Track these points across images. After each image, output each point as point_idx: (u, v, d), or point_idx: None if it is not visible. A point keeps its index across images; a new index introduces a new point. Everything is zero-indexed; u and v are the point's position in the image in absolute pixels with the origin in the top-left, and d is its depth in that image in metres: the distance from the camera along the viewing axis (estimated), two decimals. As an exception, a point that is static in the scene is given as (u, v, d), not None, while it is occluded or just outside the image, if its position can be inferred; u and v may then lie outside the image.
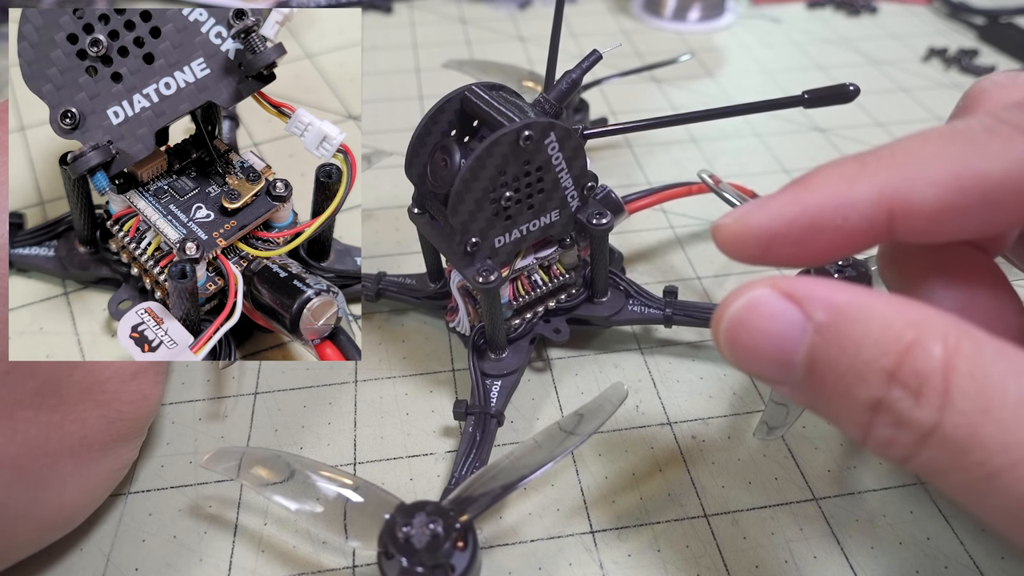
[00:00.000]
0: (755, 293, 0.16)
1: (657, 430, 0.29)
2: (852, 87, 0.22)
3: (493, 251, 0.27)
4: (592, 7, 0.66)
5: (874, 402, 0.14)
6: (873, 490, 0.27)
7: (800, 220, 0.17)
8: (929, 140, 0.16)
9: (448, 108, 0.26)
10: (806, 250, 0.17)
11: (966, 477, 0.14)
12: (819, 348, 0.15)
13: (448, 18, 0.64)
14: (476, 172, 0.24)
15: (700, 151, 0.47)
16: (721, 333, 0.16)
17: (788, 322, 0.15)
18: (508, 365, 0.29)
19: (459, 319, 0.30)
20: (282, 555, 0.25)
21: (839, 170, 0.17)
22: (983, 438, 0.13)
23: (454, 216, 0.25)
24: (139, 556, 0.25)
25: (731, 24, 0.64)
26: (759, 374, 0.17)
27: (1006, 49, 0.59)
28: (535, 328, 0.31)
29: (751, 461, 0.28)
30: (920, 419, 0.14)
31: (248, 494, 0.27)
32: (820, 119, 0.50)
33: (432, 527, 0.21)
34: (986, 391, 0.13)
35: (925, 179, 0.16)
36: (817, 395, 0.16)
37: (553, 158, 0.26)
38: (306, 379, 0.31)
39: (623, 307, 0.31)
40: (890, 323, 0.14)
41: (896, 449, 0.15)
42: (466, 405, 0.28)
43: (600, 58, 0.27)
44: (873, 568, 0.25)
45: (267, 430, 0.29)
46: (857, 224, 0.16)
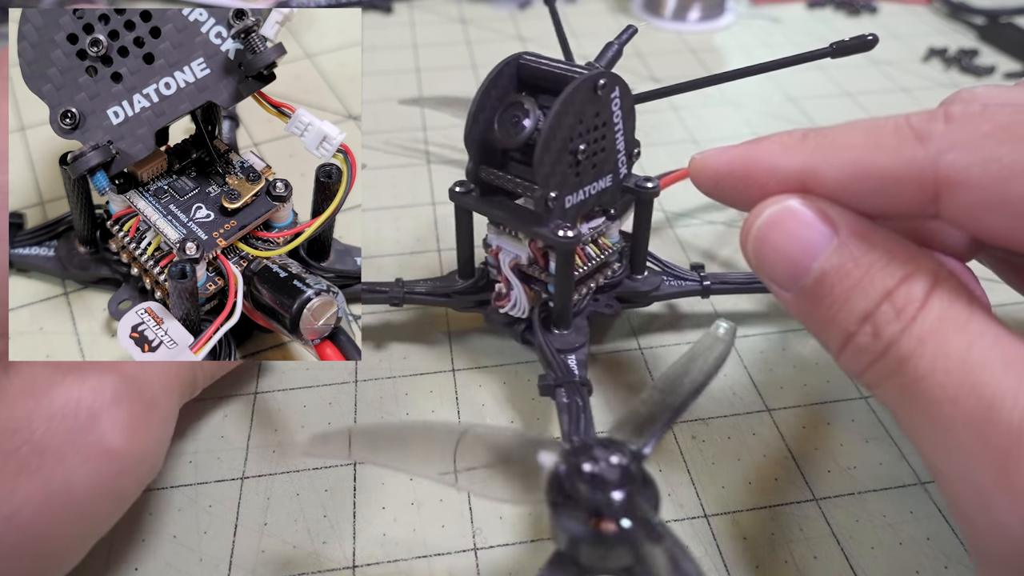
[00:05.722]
0: (791, 202, 0.18)
1: (657, 430, 0.29)
2: (871, 36, 0.26)
3: (563, 211, 0.27)
4: (592, 7, 0.66)
5: (866, 313, 0.17)
6: (873, 490, 0.27)
7: (740, 170, 0.20)
8: (854, 130, 0.18)
9: (506, 72, 0.27)
10: (743, 195, 0.20)
11: (898, 382, 0.17)
12: (839, 258, 0.17)
13: (448, 18, 0.64)
14: (561, 118, 0.24)
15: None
16: (755, 228, 0.19)
17: (819, 232, 0.18)
18: (575, 340, 0.29)
19: (514, 301, 0.29)
20: (282, 555, 0.25)
21: (784, 139, 0.20)
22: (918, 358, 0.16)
23: (540, 164, 0.25)
24: (139, 556, 0.25)
25: (731, 24, 0.64)
26: (773, 275, 0.19)
27: (1006, 49, 0.59)
28: (589, 305, 0.30)
29: (751, 461, 0.28)
30: (890, 332, 0.17)
31: (248, 493, 0.27)
32: (820, 119, 0.50)
33: (616, 460, 0.19)
34: (939, 328, 0.16)
35: (834, 162, 0.18)
36: (818, 302, 0.18)
37: (615, 115, 0.26)
38: (306, 379, 0.31)
39: (661, 283, 0.32)
40: (896, 252, 0.17)
41: (864, 357, 0.17)
42: (553, 378, 0.27)
43: (636, 31, 0.29)
44: (873, 568, 0.25)
45: (267, 430, 0.29)
46: (779, 185, 0.19)
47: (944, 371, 0.16)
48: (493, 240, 0.30)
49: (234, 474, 0.28)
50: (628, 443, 0.20)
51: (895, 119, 0.18)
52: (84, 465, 0.19)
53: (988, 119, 0.16)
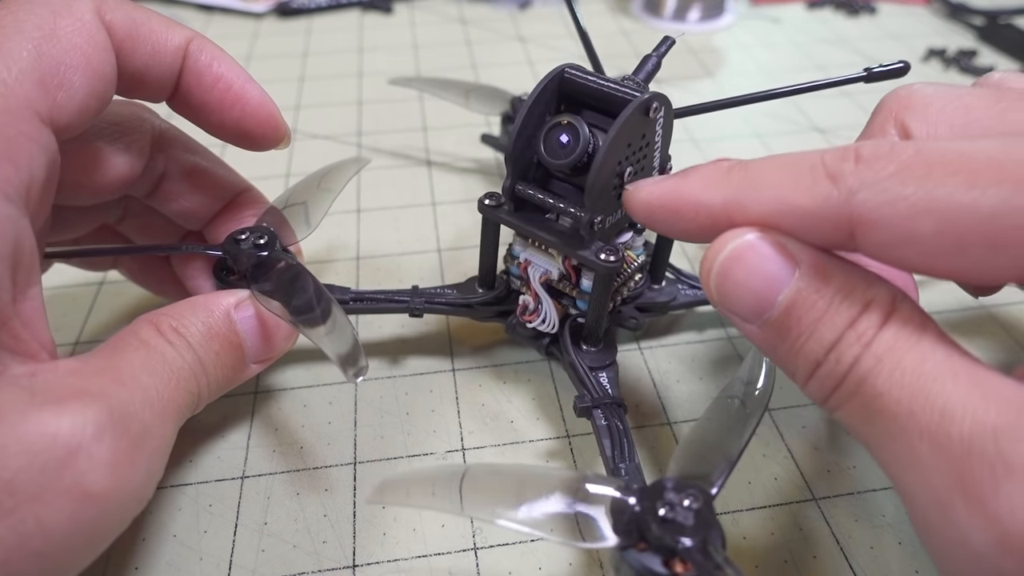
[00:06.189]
0: (750, 236, 0.19)
1: (657, 430, 0.29)
2: (903, 63, 0.27)
3: (604, 232, 0.26)
4: (592, 7, 0.67)
5: (832, 342, 0.18)
6: (873, 490, 0.27)
7: (668, 205, 0.21)
8: (774, 167, 0.19)
9: (549, 87, 0.26)
10: (674, 228, 0.21)
11: (859, 402, 0.17)
12: (803, 291, 0.18)
13: (448, 18, 0.65)
14: (616, 143, 0.24)
15: (700, 151, 0.47)
16: (716, 265, 0.19)
17: (779, 265, 0.18)
18: (606, 357, 0.29)
19: (543, 316, 0.29)
20: (282, 555, 0.25)
21: (708, 173, 0.20)
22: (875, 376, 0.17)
23: (592, 189, 0.24)
24: (139, 555, 0.25)
25: (731, 24, 0.64)
26: (737, 309, 0.19)
27: (1005, 49, 0.59)
28: (614, 318, 0.30)
29: (751, 461, 0.28)
30: (851, 355, 0.17)
31: (248, 493, 0.27)
32: (820, 119, 0.50)
33: (690, 504, 0.20)
34: (895, 347, 0.17)
35: (755, 198, 0.19)
36: (785, 333, 0.18)
37: (657, 134, 0.26)
38: (306, 378, 0.31)
39: (678, 292, 0.32)
40: (855, 281, 0.18)
41: (828, 382, 0.18)
42: (589, 399, 0.27)
43: (674, 43, 0.28)
44: (873, 568, 0.25)
45: (267, 429, 0.29)
46: (706, 220, 0.20)
47: (900, 386, 0.16)
48: (521, 252, 0.29)
49: (234, 473, 0.28)
50: (698, 484, 0.20)
51: (811, 156, 0.18)
52: (60, 507, 0.17)
53: (893, 159, 0.17)
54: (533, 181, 0.27)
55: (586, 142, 0.25)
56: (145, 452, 0.20)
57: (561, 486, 0.20)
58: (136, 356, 0.21)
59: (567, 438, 0.29)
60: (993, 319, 0.35)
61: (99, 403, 0.19)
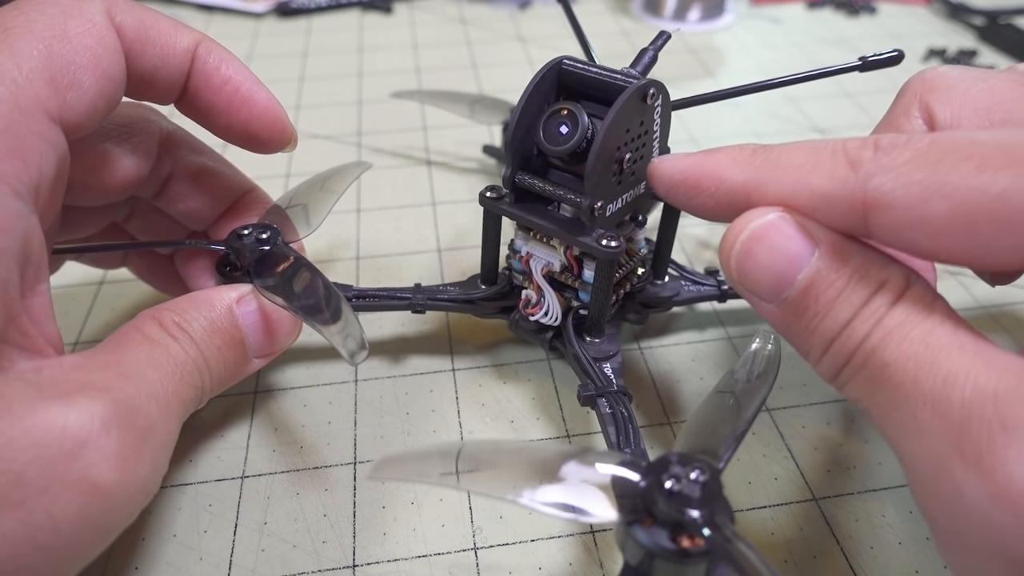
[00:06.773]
0: (772, 216, 0.19)
1: (657, 430, 0.29)
2: (897, 51, 0.27)
3: (605, 220, 0.26)
4: (592, 7, 0.67)
5: (848, 320, 0.18)
6: (873, 490, 0.27)
7: (691, 179, 0.21)
8: (796, 150, 0.19)
9: (547, 78, 0.26)
10: (694, 201, 0.21)
11: (867, 374, 0.18)
12: (822, 271, 0.18)
13: (448, 18, 0.65)
14: (614, 127, 0.24)
15: (699, 148, 0.47)
16: (738, 244, 0.19)
17: (801, 244, 0.19)
18: (609, 348, 0.29)
19: (546, 308, 0.29)
20: (282, 555, 0.25)
21: (734, 153, 0.21)
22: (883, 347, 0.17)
23: (591, 174, 0.24)
24: (139, 555, 0.25)
25: (731, 24, 0.64)
26: (757, 288, 0.20)
27: (1005, 49, 0.59)
28: (617, 312, 0.30)
29: (751, 461, 0.28)
30: (863, 330, 0.18)
31: (248, 492, 0.27)
32: (820, 119, 0.50)
33: (697, 476, 0.19)
34: (905, 320, 0.17)
35: (776, 178, 0.19)
36: (802, 312, 0.19)
37: (655, 123, 0.26)
38: (306, 378, 0.31)
39: (681, 288, 0.32)
40: (871, 261, 0.18)
41: (840, 358, 0.18)
42: (593, 388, 0.27)
43: (670, 37, 0.28)
44: (873, 568, 0.25)
45: (267, 429, 0.29)
46: (724, 196, 0.20)
47: (906, 355, 0.17)
48: (522, 246, 0.29)
49: (234, 473, 0.28)
50: (704, 458, 0.20)
51: (833, 143, 0.19)
52: (69, 499, 0.18)
53: (909, 148, 0.17)
54: (533, 171, 0.27)
55: (585, 128, 0.25)
56: (151, 446, 0.20)
57: (563, 460, 0.20)
58: (140, 351, 0.21)
59: (567, 438, 0.29)
60: (994, 320, 0.35)
61: (105, 397, 0.19)
